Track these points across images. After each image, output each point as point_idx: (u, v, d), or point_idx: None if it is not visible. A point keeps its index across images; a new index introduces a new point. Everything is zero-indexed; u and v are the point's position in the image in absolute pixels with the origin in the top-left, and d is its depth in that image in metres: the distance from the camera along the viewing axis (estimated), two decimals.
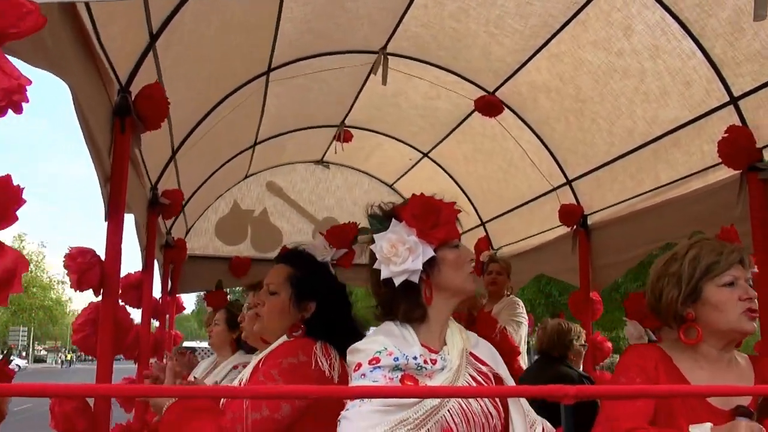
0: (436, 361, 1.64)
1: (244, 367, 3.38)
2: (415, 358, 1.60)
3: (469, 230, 5.70)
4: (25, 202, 1.04)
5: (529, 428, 1.72)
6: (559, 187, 4.51)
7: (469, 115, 4.70)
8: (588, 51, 3.54)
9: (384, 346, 1.60)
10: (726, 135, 3.08)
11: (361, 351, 1.62)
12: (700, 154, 3.40)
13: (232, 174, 5.75)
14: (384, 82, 4.24)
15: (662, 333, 2.72)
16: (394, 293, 1.72)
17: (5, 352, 3.38)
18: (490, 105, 4.36)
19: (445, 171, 5.61)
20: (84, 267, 2.32)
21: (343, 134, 5.39)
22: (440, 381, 1.63)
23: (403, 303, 1.72)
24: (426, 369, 1.60)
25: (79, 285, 2.32)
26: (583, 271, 4.29)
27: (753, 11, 2.19)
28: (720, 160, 3.19)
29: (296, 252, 2.24)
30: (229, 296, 4.97)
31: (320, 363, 1.95)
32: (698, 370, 1.88)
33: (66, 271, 2.37)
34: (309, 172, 6.42)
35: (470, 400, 1.64)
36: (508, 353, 3.37)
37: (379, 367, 1.56)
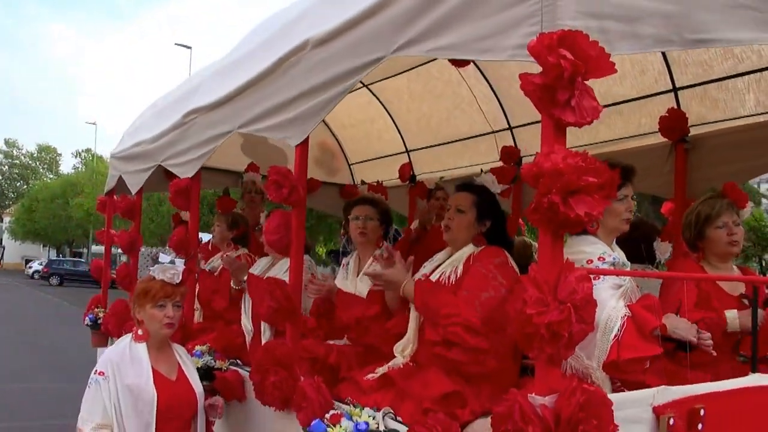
0: None
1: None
2: (618, 259, 2.56)
3: (393, 155, 6.55)
4: None
5: None
6: (500, 130, 5.54)
7: (431, 61, 5.46)
8: None
9: (604, 250, 2.55)
10: (667, 114, 4.31)
11: (589, 252, 2.51)
12: (638, 124, 4.62)
13: None
14: None
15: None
16: None
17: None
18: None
19: (379, 100, 6.31)
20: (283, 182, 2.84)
21: None
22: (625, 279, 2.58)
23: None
24: (625, 267, 2.58)
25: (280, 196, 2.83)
26: (515, 203, 5.43)
27: None
28: (652, 131, 4.45)
29: (478, 184, 3.03)
30: None
31: (512, 263, 2.76)
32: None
33: None
34: None
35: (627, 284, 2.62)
36: None
37: (606, 261, 2.49)
